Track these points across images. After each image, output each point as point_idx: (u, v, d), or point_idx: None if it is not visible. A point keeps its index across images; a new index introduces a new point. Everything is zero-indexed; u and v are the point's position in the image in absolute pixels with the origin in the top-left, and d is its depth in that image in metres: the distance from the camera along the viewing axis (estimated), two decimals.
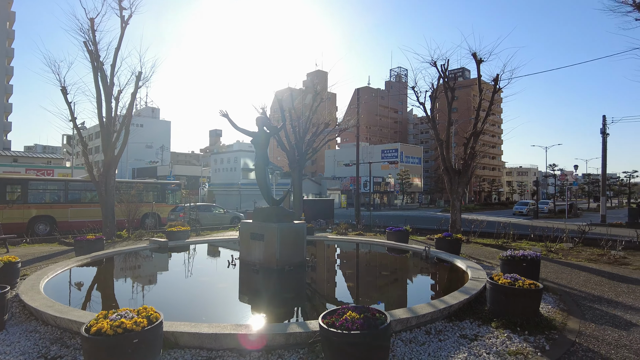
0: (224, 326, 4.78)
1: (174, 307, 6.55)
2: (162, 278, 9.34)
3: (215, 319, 5.98)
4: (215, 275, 9.39)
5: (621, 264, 11.31)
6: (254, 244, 9.22)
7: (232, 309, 6.72)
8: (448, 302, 5.95)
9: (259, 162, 9.73)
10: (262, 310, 6.48)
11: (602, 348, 4.98)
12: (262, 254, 8.97)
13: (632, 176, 56.41)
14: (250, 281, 8.47)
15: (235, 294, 7.59)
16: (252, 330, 4.68)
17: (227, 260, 10.05)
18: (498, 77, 15.76)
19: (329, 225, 20.73)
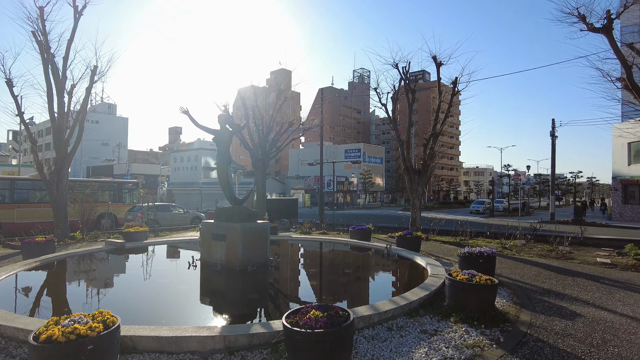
0: (185, 328, 4.66)
1: (133, 311, 6.32)
2: (120, 281, 8.99)
3: (176, 321, 5.82)
4: (175, 277, 9.14)
5: (567, 258, 12.02)
6: (216, 244, 9.05)
7: (193, 311, 6.56)
8: (409, 299, 6.10)
9: (221, 161, 9.56)
10: (225, 312, 6.38)
11: (550, 338, 5.28)
12: (224, 254, 8.82)
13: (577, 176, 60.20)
14: (212, 282, 8.30)
15: (197, 296, 7.42)
16: (215, 332, 4.60)
17: (187, 262, 9.81)
18: (457, 80, 16.33)
19: (293, 225, 20.69)
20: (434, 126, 16.78)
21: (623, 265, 10.98)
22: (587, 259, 11.88)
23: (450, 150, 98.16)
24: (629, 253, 12.44)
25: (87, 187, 19.84)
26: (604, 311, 6.58)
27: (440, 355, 4.59)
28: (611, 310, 6.63)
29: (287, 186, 64.37)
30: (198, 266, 9.44)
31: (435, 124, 16.77)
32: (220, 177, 9.65)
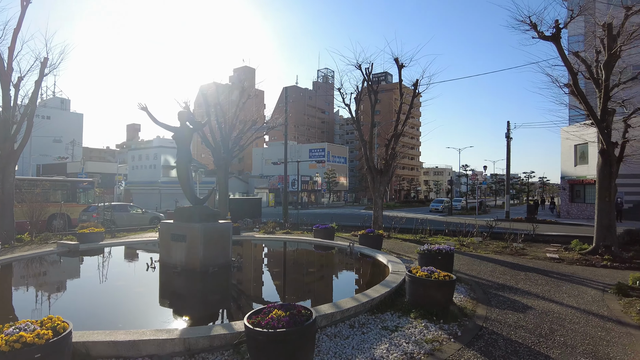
0: (143, 332, 4.51)
1: (87, 316, 6.05)
2: (73, 285, 8.56)
3: (133, 325, 5.61)
4: (133, 279, 8.82)
5: (520, 254, 12.64)
6: (175, 245, 8.81)
7: (152, 314, 6.36)
8: (370, 296, 6.20)
9: (181, 159, 9.32)
10: (186, 314, 6.23)
11: (504, 330, 5.53)
12: (184, 255, 8.60)
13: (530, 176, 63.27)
14: (171, 284, 8.08)
15: (156, 299, 7.19)
16: (174, 334, 4.48)
17: (146, 263, 9.49)
18: (417, 82, 16.74)
19: (256, 224, 20.49)
20: (395, 127, 17.12)
21: (569, 259, 11.67)
22: (538, 255, 12.53)
23: (411, 151, 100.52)
24: (574, 248, 13.24)
25: (37, 187, 18.75)
26: (552, 303, 6.97)
27: (401, 351, 4.70)
28: (558, 302, 7.03)
29: (251, 185, 63.67)
30: (157, 268, 9.16)
31: (397, 125, 17.12)
32: (180, 176, 9.40)
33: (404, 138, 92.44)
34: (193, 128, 9.53)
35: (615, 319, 6.15)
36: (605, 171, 12.50)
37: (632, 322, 5.97)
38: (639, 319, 6.09)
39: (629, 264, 10.95)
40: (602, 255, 11.79)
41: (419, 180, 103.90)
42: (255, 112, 23.68)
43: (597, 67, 12.83)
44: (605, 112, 12.58)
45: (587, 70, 12.88)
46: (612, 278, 9.16)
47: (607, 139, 12.41)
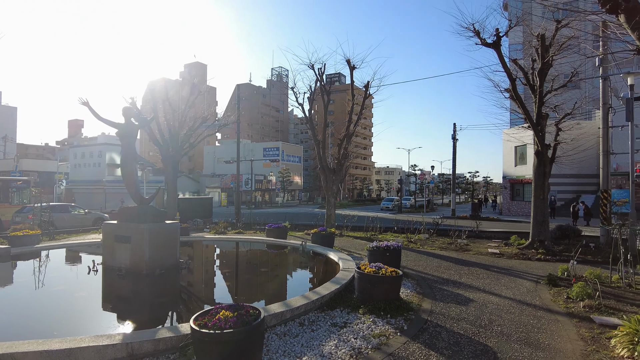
0: (81, 339, 4.27)
1: (18, 325, 5.63)
2: (2, 292, 7.93)
3: (72, 332, 5.30)
4: (73, 284, 8.32)
5: (464, 250, 13.28)
6: (120, 246, 8.43)
7: (93, 320, 6.04)
8: (320, 293, 6.27)
9: (126, 157, 8.92)
10: (130, 318, 5.98)
11: (447, 322, 5.79)
12: (128, 257, 8.25)
13: (474, 176, 66.62)
14: (115, 288, 7.72)
15: (98, 303, 6.84)
16: (116, 339, 4.28)
17: (87, 266, 8.99)
18: (368, 83, 17.12)
19: (207, 225, 20.02)
20: (347, 127, 17.40)
21: (509, 254, 12.42)
22: (481, 250, 13.22)
23: (364, 151, 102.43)
24: (513, 243, 14.12)
25: None
26: (491, 295, 7.40)
27: (349, 346, 4.79)
28: (497, 294, 7.47)
29: (202, 185, 62.01)
30: (100, 271, 8.71)
31: (349, 125, 17.40)
32: (125, 175, 9.01)
33: (356, 138, 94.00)
34: (139, 125, 9.17)
35: (546, 307, 6.64)
36: (540, 171, 13.42)
37: (559, 310, 6.47)
38: (565, 307, 6.61)
39: (559, 256, 11.84)
40: (536, 249, 12.66)
41: (371, 180, 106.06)
42: (207, 109, 23.08)
43: (532, 74, 13.75)
44: (540, 116, 13.52)
45: (525, 77, 13.77)
46: (544, 270, 9.86)
47: (541, 141, 13.32)
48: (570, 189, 33.84)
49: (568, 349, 4.85)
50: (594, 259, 11.36)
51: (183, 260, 9.27)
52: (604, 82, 15.20)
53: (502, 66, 12.50)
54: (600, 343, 5.04)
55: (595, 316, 6.03)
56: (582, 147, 21.40)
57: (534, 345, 4.98)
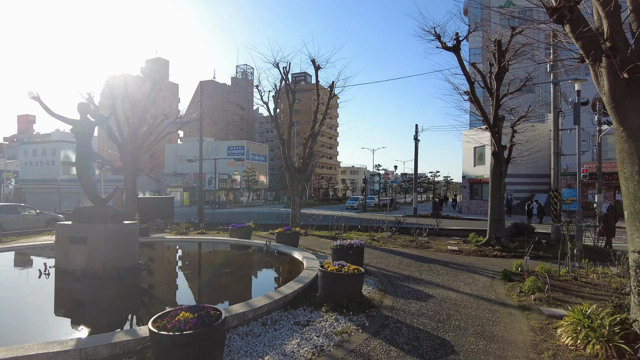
0: (30, 346, 4.06)
1: None
2: None
3: (19, 340, 5.01)
4: (22, 288, 7.87)
5: (425, 247, 13.64)
6: (74, 248, 8.07)
7: (44, 326, 5.74)
8: (284, 292, 6.27)
9: (81, 155, 8.55)
10: (85, 323, 5.74)
11: (408, 318, 5.95)
12: (84, 259, 7.91)
13: (435, 175, 68.77)
14: (69, 291, 7.39)
15: (50, 308, 6.52)
16: (69, 345, 4.10)
17: (38, 270, 8.54)
18: (333, 83, 17.24)
19: (168, 225, 19.48)
20: (312, 127, 17.45)
21: (467, 251, 12.87)
22: (441, 247, 13.63)
23: (329, 150, 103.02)
24: (471, 241, 14.65)
25: None
26: (450, 291, 7.65)
27: (311, 344, 4.82)
28: (456, 290, 7.74)
29: (163, 184, 60.30)
30: (52, 274, 8.30)
31: (314, 125, 17.46)
32: (80, 174, 8.62)
33: (322, 138, 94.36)
34: (95, 122, 8.80)
35: (500, 301, 6.94)
36: (497, 171, 14.00)
37: (513, 303, 6.79)
38: (518, 300, 6.95)
39: (514, 253, 12.40)
40: (493, 246, 13.20)
41: (336, 179, 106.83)
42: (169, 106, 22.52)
43: (490, 77, 14.32)
44: (497, 119, 14.10)
45: (483, 80, 14.33)
46: (500, 266, 10.29)
47: (498, 142, 13.90)
48: (525, 188, 35.48)
49: (519, 340, 5.10)
50: (545, 254, 11.97)
51: (143, 262, 8.99)
52: (554, 88, 16.07)
53: (462, 69, 12.93)
54: (548, 333, 5.33)
55: (544, 308, 6.37)
56: (536, 149, 22.53)
57: (488, 337, 5.20)
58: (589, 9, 5.67)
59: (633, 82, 4.81)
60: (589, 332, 4.72)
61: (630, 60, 4.74)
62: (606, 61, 4.95)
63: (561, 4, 5.00)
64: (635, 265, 4.88)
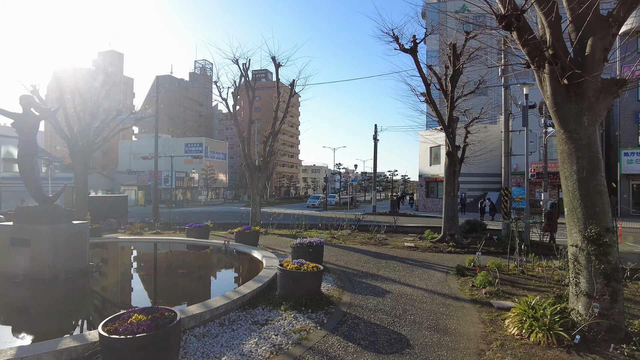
0: None
1: None
2: None
3: None
4: None
5: (383, 244, 13.94)
6: (17, 251, 7.58)
7: None
8: (242, 292, 6.20)
9: (24, 151, 8.04)
10: (29, 330, 5.41)
11: (365, 314, 6.06)
12: (28, 262, 7.45)
13: (394, 174, 70.38)
14: (10, 297, 6.94)
15: None
16: (7, 355, 3.85)
17: None
18: (294, 82, 17.21)
19: (122, 225, 18.72)
20: (273, 125, 17.34)
21: (423, 247, 13.28)
22: (398, 244, 13.97)
23: (291, 149, 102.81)
24: (427, 237, 15.12)
25: None
26: (407, 287, 7.87)
27: (270, 343, 4.81)
28: (412, 285, 7.97)
29: (117, 182, 57.77)
30: None
31: (275, 123, 17.36)
32: (23, 171, 8.11)
33: (283, 136, 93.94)
34: (40, 116, 8.31)
35: (454, 295, 7.23)
36: (451, 170, 14.53)
37: (465, 297, 7.09)
38: (470, 294, 7.26)
39: (467, 249, 12.93)
40: (447, 242, 13.70)
41: (298, 178, 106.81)
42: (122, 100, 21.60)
43: (445, 80, 14.83)
44: (451, 120, 14.63)
45: (438, 82, 14.81)
46: (454, 262, 10.70)
47: (452, 142, 14.43)
48: (478, 187, 37.05)
49: (470, 332, 5.33)
50: (496, 250, 12.57)
51: (94, 264, 8.59)
52: (505, 91, 16.86)
53: (418, 71, 13.31)
54: (497, 324, 5.62)
55: (494, 301, 6.70)
56: (488, 149, 23.55)
57: (442, 330, 5.40)
58: (535, 18, 6.00)
59: (572, 88, 5.15)
60: (532, 321, 5.02)
61: (569, 67, 5.07)
62: (548, 67, 5.26)
63: (509, 12, 5.27)
64: (573, 258, 5.24)
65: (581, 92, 5.14)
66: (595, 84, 5.11)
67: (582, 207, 5.11)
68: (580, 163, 5.16)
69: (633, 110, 28.93)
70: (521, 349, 4.68)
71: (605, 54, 5.17)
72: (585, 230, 5.04)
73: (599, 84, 5.12)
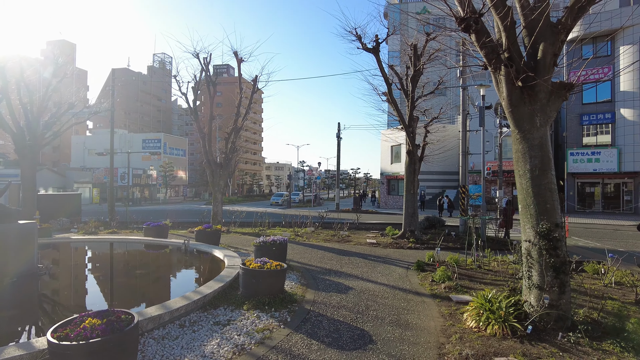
0: None
1: None
2: None
3: None
4: None
5: (346, 241, 14.07)
6: None
7: None
8: (203, 292, 6.05)
9: None
10: None
11: (329, 311, 6.08)
12: None
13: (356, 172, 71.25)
14: None
15: None
16: None
17: None
18: (257, 77, 16.99)
19: (75, 224, 17.81)
20: (235, 121, 17.04)
21: (384, 244, 13.52)
22: (360, 241, 14.15)
23: (254, 146, 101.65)
24: (388, 234, 15.41)
25: None
26: (369, 283, 7.98)
27: (232, 343, 4.73)
28: (374, 281, 8.09)
29: (69, 179, 54.89)
30: None
31: (237, 119, 17.06)
32: None
33: (246, 133, 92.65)
34: None
35: (414, 291, 7.40)
36: (411, 168, 14.86)
37: (425, 292, 7.28)
38: (430, 289, 7.46)
39: (427, 244, 13.29)
40: (408, 238, 14.02)
41: (261, 175, 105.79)
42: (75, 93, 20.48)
43: (406, 80, 15.14)
44: (412, 119, 14.96)
45: (400, 82, 15.09)
46: (414, 257, 10.97)
47: (412, 141, 14.76)
48: (437, 185, 38.20)
49: (431, 326, 5.48)
50: (454, 245, 12.99)
51: (43, 266, 8.11)
52: (463, 92, 17.45)
53: (380, 71, 13.49)
54: (456, 318, 5.80)
55: (453, 295, 6.92)
56: (446, 148, 24.32)
57: (403, 325, 5.51)
58: (492, 22, 6.23)
59: (526, 90, 5.39)
60: (489, 314, 5.23)
61: (523, 70, 5.31)
62: (504, 70, 5.48)
63: (468, 15, 5.44)
64: (526, 253, 5.50)
65: (534, 94, 5.39)
66: (547, 87, 5.37)
67: (535, 204, 5.37)
68: (533, 162, 5.42)
69: (578, 113, 30.82)
70: (478, 340, 4.86)
71: (555, 59, 5.45)
72: (538, 226, 5.30)
73: (550, 87, 5.39)
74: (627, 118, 29.99)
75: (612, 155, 29.22)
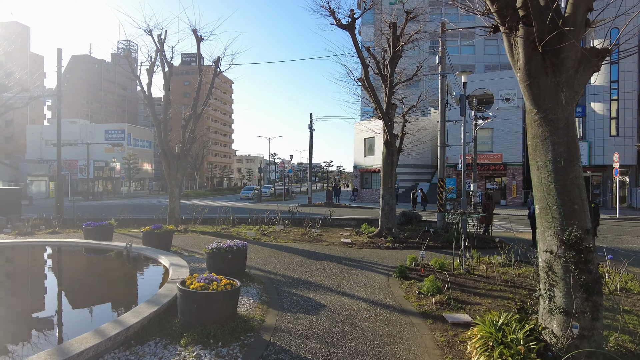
0: None
1: None
2: None
3: None
4: None
5: (318, 241, 12.74)
6: None
7: None
8: (126, 323, 4.52)
9: None
10: None
11: (294, 343, 4.70)
12: None
13: (329, 165, 70.13)
14: None
15: None
16: None
17: None
18: (219, 59, 15.28)
19: (10, 223, 15.66)
20: (194, 106, 15.26)
21: (360, 243, 12.27)
22: (334, 240, 12.85)
23: (224, 138, 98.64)
24: (364, 232, 14.19)
25: None
26: (345, 297, 6.65)
27: None
28: (350, 295, 6.76)
29: (22, 172, 51.02)
30: None
31: (196, 104, 15.30)
32: None
33: (215, 124, 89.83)
34: None
35: (400, 307, 6.12)
36: (389, 160, 13.64)
37: (413, 309, 6.00)
38: (418, 305, 6.21)
39: (406, 244, 12.13)
40: (385, 237, 12.83)
41: (232, 168, 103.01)
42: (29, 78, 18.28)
43: (384, 64, 13.86)
44: (390, 106, 13.71)
45: (377, 65, 13.79)
46: (394, 259, 9.77)
47: (390, 130, 13.52)
48: (410, 178, 37.44)
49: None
50: (435, 244, 11.86)
51: None
52: (442, 79, 16.33)
53: (356, 50, 12.12)
54: (457, 349, 4.55)
55: (447, 314, 5.67)
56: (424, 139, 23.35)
57: None
58: None
59: (548, 56, 4.15)
60: (502, 349, 3.98)
61: (548, 29, 4.04)
62: (523, 30, 4.21)
63: None
64: (546, 267, 4.28)
65: (559, 62, 4.14)
66: (575, 53, 4.15)
67: (559, 204, 4.15)
68: (556, 150, 4.18)
69: None
70: None
71: (586, 17, 4.23)
72: (563, 232, 4.08)
73: (579, 53, 4.17)
74: (597, 112, 29.99)
75: (582, 149, 29.13)
